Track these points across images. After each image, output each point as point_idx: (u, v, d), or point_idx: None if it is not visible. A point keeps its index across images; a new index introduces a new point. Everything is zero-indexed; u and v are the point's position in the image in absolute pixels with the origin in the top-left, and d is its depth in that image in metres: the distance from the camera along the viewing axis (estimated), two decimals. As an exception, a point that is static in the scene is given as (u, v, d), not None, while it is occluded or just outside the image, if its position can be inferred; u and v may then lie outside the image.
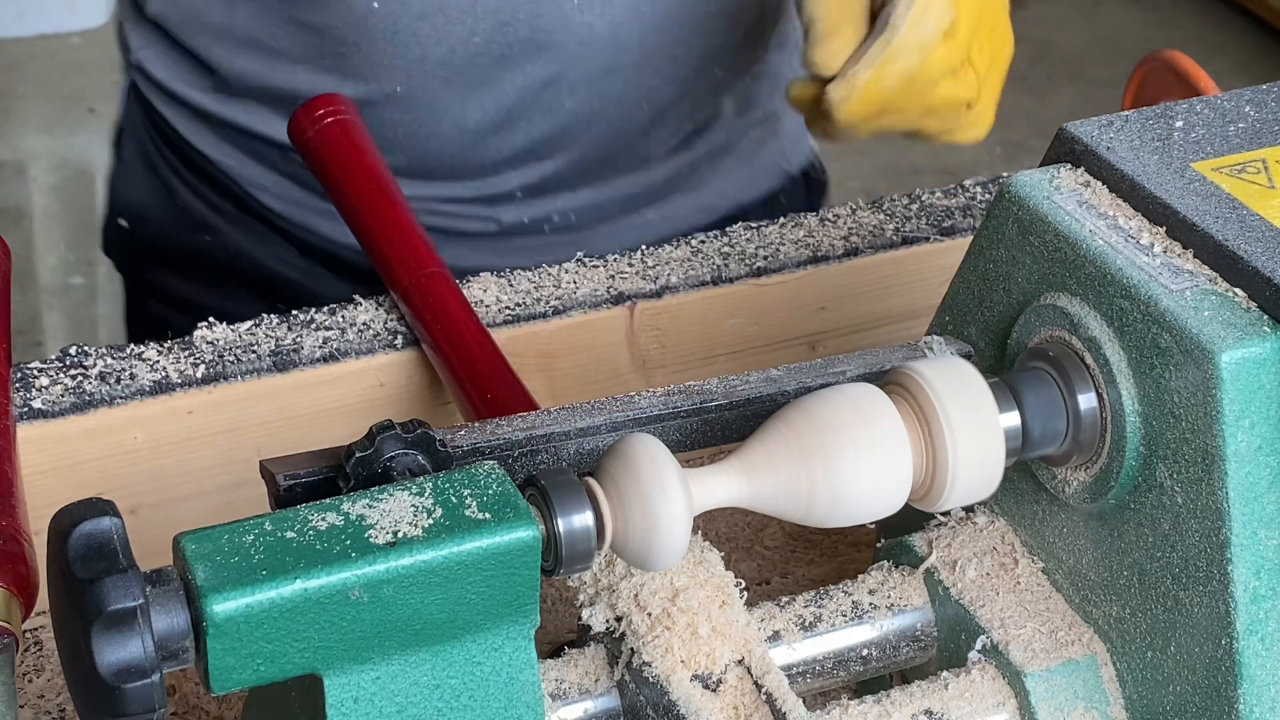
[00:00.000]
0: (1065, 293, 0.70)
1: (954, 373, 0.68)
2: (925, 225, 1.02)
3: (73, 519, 0.57)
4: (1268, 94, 0.77)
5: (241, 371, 0.88)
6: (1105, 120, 0.74)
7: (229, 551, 0.58)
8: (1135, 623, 0.69)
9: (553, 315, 0.94)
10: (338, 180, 0.98)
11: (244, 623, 0.57)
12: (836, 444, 0.65)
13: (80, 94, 3.34)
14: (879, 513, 0.67)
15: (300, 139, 0.99)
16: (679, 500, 0.63)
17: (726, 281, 0.97)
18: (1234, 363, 0.64)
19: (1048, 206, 0.71)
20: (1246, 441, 0.64)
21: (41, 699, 0.82)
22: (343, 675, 0.60)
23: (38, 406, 0.85)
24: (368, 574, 0.58)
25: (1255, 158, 0.72)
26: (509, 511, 0.60)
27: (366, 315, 0.93)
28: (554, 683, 0.69)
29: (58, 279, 2.92)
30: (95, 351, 0.88)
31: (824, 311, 1.00)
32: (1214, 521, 0.65)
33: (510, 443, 0.68)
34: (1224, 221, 0.68)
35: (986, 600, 0.73)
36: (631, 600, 0.69)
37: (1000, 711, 0.71)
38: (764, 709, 0.68)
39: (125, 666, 0.55)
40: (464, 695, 0.62)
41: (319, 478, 0.65)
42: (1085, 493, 0.70)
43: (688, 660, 0.68)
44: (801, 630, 0.72)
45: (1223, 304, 0.66)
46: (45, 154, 3.19)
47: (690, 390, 0.71)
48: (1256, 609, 0.65)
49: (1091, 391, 0.68)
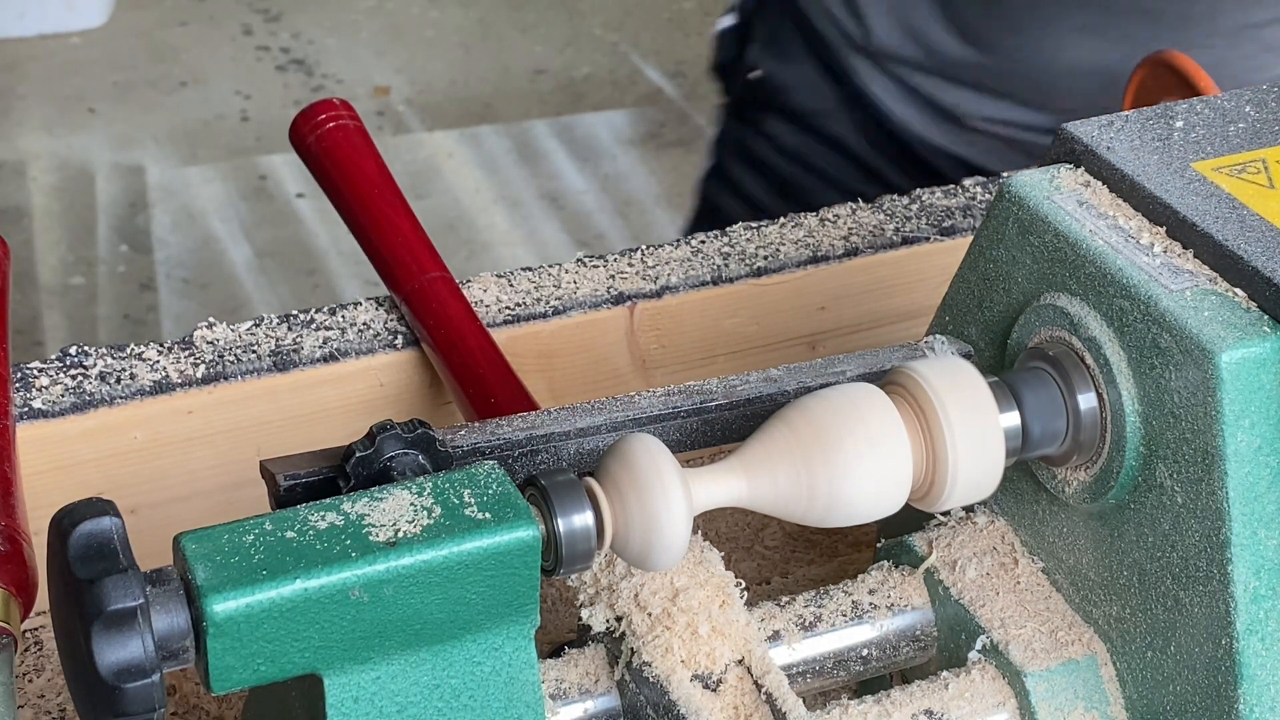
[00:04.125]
0: (1065, 293, 0.70)
1: (954, 373, 0.68)
2: (925, 225, 1.02)
3: (73, 519, 0.57)
4: (1268, 94, 0.77)
5: (241, 371, 0.88)
6: (1105, 120, 0.74)
7: (229, 551, 0.58)
8: (1135, 623, 0.69)
9: (553, 315, 0.94)
10: (339, 185, 0.98)
11: (244, 622, 0.57)
12: (836, 444, 0.65)
13: (80, 94, 3.34)
14: (879, 513, 0.67)
15: (301, 144, 0.99)
16: (679, 500, 0.63)
17: (726, 281, 0.97)
18: (1234, 363, 0.64)
19: (1048, 206, 0.71)
20: (1246, 441, 0.64)
21: (42, 699, 0.82)
22: (343, 675, 0.60)
23: (38, 406, 0.85)
24: (368, 574, 0.58)
25: (1255, 158, 0.72)
26: (509, 511, 0.60)
27: (366, 315, 0.93)
28: (554, 683, 0.70)
29: (58, 279, 2.92)
30: (95, 351, 0.88)
31: (824, 311, 1.00)
32: (1214, 521, 0.65)
33: (510, 443, 0.68)
34: (1224, 221, 0.68)
35: (986, 600, 0.73)
36: (631, 600, 0.69)
37: (1000, 711, 0.71)
38: (764, 709, 0.68)
39: (125, 666, 0.55)
40: (464, 695, 0.62)
41: (319, 478, 0.65)
42: (1085, 493, 0.70)
43: (688, 660, 0.68)
44: (801, 630, 0.72)
45: (1223, 304, 0.66)
46: (45, 154, 3.19)
47: (690, 390, 0.71)
48: (1257, 609, 0.65)
49: (1091, 391, 0.68)
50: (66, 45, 3.48)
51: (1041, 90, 1.30)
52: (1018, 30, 1.28)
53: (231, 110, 3.28)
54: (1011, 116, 1.32)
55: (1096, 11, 1.26)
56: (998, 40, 1.29)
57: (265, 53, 3.45)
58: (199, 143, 3.21)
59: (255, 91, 3.34)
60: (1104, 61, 1.26)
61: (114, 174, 3.16)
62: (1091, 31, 1.26)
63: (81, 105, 3.32)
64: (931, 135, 1.34)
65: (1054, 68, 1.28)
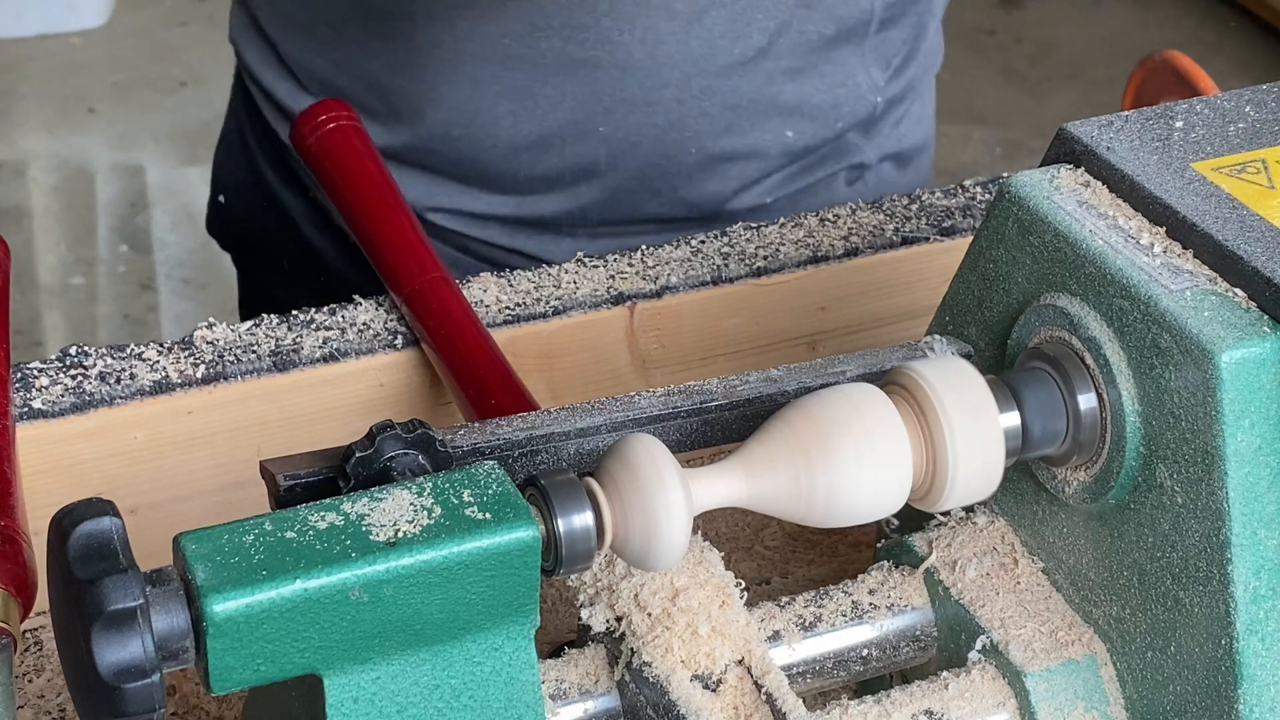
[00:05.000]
0: (1065, 293, 0.70)
1: (954, 373, 0.68)
2: (925, 225, 1.02)
3: (73, 519, 0.57)
4: (1268, 94, 0.77)
5: (241, 371, 0.88)
6: (1105, 120, 0.74)
7: (229, 551, 0.58)
8: (1135, 623, 0.69)
9: (553, 315, 0.94)
10: (339, 186, 0.98)
11: (244, 623, 0.57)
12: (836, 444, 0.65)
13: (80, 94, 3.34)
14: (879, 513, 0.67)
15: (301, 145, 0.99)
16: (679, 500, 0.63)
17: (726, 281, 0.97)
18: (1234, 363, 0.64)
19: (1048, 206, 0.71)
20: (1246, 441, 0.64)
21: (41, 699, 0.82)
22: (343, 675, 0.60)
23: (38, 406, 0.85)
24: (368, 574, 0.58)
25: (1255, 158, 0.72)
26: (509, 511, 0.60)
27: (366, 315, 0.93)
28: (554, 683, 0.69)
29: (58, 279, 2.92)
30: (95, 351, 0.88)
31: (824, 311, 1.00)
32: (1214, 521, 0.65)
33: (510, 443, 0.68)
34: (1224, 222, 0.68)
35: (986, 600, 0.73)
36: (631, 600, 0.69)
37: (1000, 711, 0.71)
38: (764, 709, 0.68)
39: (125, 667, 0.55)
40: (464, 695, 0.62)
41: (319, 478, 0.65)
42: (1085, 493, 0.70)
43: (688, 660, 0.68)
44: (801, 630, 0.72)
45: (1223, 304, 0.66)
46: (45, 154, 3.19)
47: (690, 390, 0.71)
48: (1257, 609, 0.65)
49: (1091, 392, 0.68)
50: (66, 45, 3.48)
51: (490, 169, 1.14)
52: (442, 101, 1.12)
53: (231, 110, 3.28)
54: (461, 204, 1.16)
55: (522, 70, 1.10)
56: (424, 114, 1.13)
57: (265, 53, 3.44)
58: (199, 143, 3.21)
59: (255, 91, 3.33)
60: (543, 128, 1.11)
61: (114, 174, 3.16)
62: (523, 95, 1.10)
63: (81, 105, 3.32)
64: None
65: (496, 141, 1.12)
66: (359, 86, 1.14)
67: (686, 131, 1.13)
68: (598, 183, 1.14)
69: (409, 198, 1.12)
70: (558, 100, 1.11)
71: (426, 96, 1.12)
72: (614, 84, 1.10)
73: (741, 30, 1.10)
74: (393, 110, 1.14)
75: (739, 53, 1.11)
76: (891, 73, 1.19)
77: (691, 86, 1.11)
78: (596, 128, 1.11)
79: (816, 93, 1.15)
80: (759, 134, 1.15)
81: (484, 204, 1.16)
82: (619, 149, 1.13)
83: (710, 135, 1.14)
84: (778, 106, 1.14)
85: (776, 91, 1.13)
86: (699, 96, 1.11)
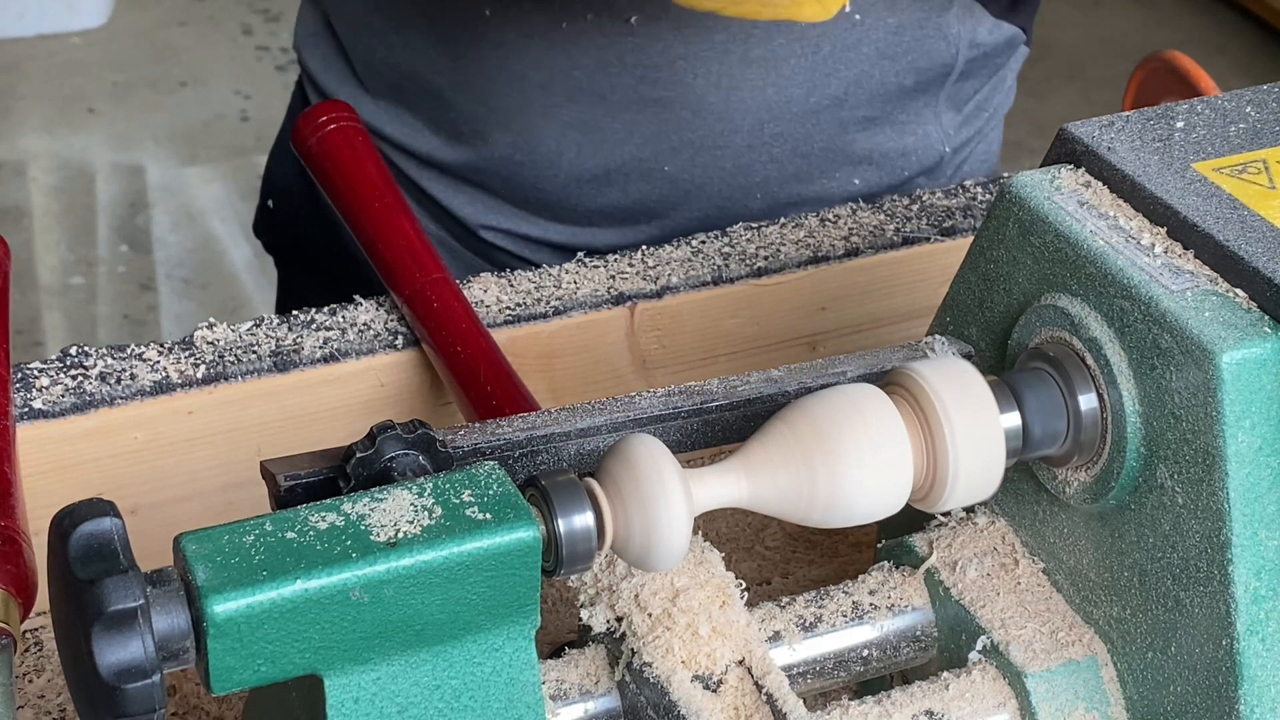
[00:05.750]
0: (1066, 293, 0.70)
1: (954, 373, 0.68)
2: (925, 225, 1.02)
3: (73, 519, 0.57)
4: (1268, 94, 0.77)
5: (242, 371, 0.88)
6: (1106, 120, 0.74)
7: (229, 552, 0.58)
8: (1136, 623, 0.69)
9: (553, 315, 0.94)
10: (340, 187, 0.98)
11: (244, 623, 0.57)
12: (837, 444, 0.65)
13: (80, 94, 3.34)
14: (879, 513, 0.67)
15: (302, 146, 0.99)
16: (679, 501, 0.63)
17: (727, 281, 0.97)
18: (1234, 363, 0.64)
19: (1048, 207, 0.71)
20: (1247, 442, 0.64)
21: (42, 699, 0.82)
22: (343, 675, 0.60)
23: (38, 406, 0.85)
24: (368, 574, 0.58)
25: (1256, 158, 0.72)
26: (509, 512, 0.60)
27: (367, 315, 0.93)
28: (554, 683, 0.69)
29: (58, 279, 2.92)
30: (95, 351, 0.88)
31: (824, 311, 1.00)
32: (1215, 522, 0.65)
33: (511, 443, 0.68)
34: (1225, 222, 0.68)
35: (987, 601, 0.73)
36: (632, 601, 0.69)
37: (1001, 712, 0.71)
38: (764, 709, 0.68)
39: (126, 667, 0.55)
40: (464, 695, 0.62)
41: (319, 478, 0.65)
42: (1086, 493, 0.70)
43: (688, 661, 0.68)
44: (802, 631, 0.72)
45: (1223, 305, 0.66)
46: (45, 154, 3.19)
47: (690, 391, 0.71)
48: (1257, 609, 0.65)
49: (1092, 392, 0.68)
50: (66, 45, 3.48)
51: (549, 198, 1.13)
52: (506, 125, 1.11)
53: (231, 110, 3.28)
54: (515, 227, 1.16)
55: (590, 103, 1.09)
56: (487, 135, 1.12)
57: (265, 53, 3.45)
58: (199, 143, 3.21)
59: (255, 91, 3.34)
60: (607, 163, 1.10)
61: (114, 174, 3.16)
62: (589, 129, 1.09)
63: (81, 105, 3.32)
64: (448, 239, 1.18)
65: (557, 171, 1.11)
66: (425, 100, 1.13)
67: (755, 177, 1.11)
68: (658, 222, 1.13)
69: (463, 214, 1.14)
70: (624, 136, 1.10)
71: (491, 119, 1.11)
72: (684, 125, 1.09)
73: (820, 80, 1.09)
74: (456, 128, 1.13)
75: (815, 101, 1.10)
76: (963, 119, 1.19)
77: (764, 132, 1.10)
78: (662, 166, 1.10)
79: (887, 141, 1.14)
80: (826, 181, 1.14)
81: (539, 230, 1.15)
82: (684, 190, 1.11)
83: (778, 181, 1.12)
84: (848, 155, 1.13)
85: (849, 140, 1.12)
86: (770, 143, 1.10)
